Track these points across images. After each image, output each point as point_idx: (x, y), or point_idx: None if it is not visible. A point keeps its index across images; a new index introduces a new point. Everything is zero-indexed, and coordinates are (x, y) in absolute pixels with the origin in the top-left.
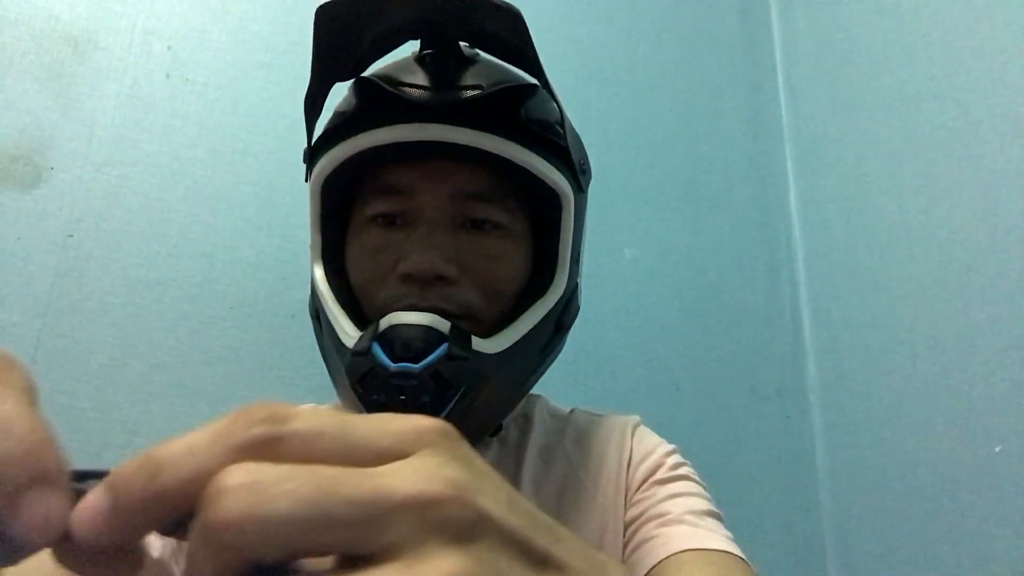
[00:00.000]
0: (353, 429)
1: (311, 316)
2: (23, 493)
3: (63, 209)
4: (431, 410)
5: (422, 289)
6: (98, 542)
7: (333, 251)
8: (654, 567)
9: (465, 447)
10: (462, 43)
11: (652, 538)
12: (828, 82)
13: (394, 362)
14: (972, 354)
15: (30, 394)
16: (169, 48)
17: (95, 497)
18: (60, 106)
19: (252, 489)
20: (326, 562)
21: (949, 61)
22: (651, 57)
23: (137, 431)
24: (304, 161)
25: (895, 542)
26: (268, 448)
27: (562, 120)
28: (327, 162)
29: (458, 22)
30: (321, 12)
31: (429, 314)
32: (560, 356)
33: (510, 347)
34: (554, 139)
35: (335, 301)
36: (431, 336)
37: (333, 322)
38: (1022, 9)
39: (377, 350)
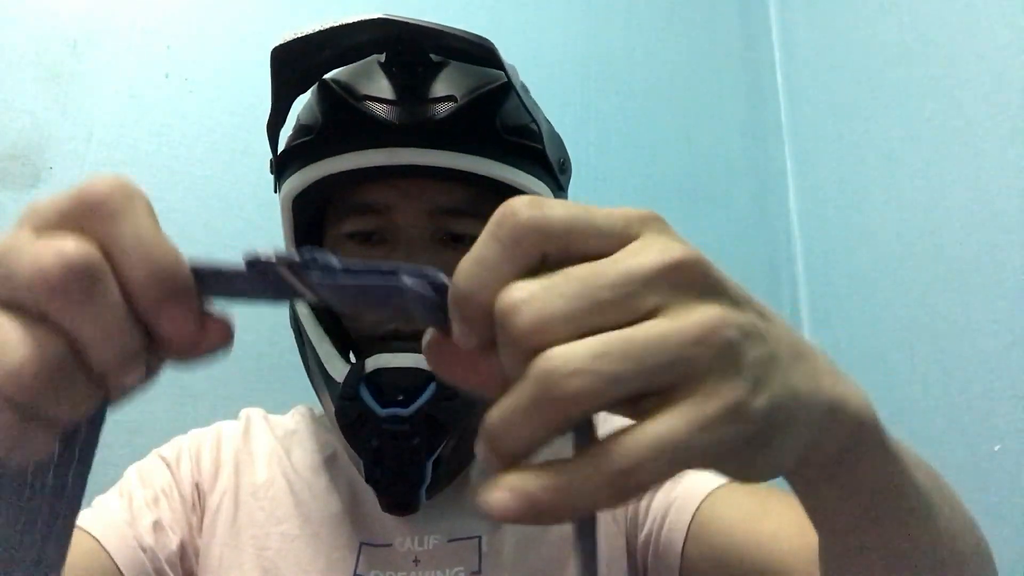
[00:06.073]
0: (593, 217)
1: (292, 329)
2: (163, 308)
3: None
4: (422, 453)
5: None
6: (468, 345)
7: None
8: (693, 518)
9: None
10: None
11: (674, 500)
12: (827, 82)
13: (383, 406)
14: (972, 354)
15: (155, 217)
16: (168, 48)
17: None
18: (59, 106)
19: (533, 300)
20: None
21: (949, 61)
22: (651, 57)
23: (137, 431)
24: (271, 172)
25: None
26: (540, 243)
27: (536, 120)
28: (297, 182)
29: (427, 40)
30: (278, 54)
31: (414, 354)
32: None
33: None
34: (531, 144)
35: (316, 324)
36: (418, 377)
37: (318, 348)
38: (1022, 9)
39: (365, 394)
